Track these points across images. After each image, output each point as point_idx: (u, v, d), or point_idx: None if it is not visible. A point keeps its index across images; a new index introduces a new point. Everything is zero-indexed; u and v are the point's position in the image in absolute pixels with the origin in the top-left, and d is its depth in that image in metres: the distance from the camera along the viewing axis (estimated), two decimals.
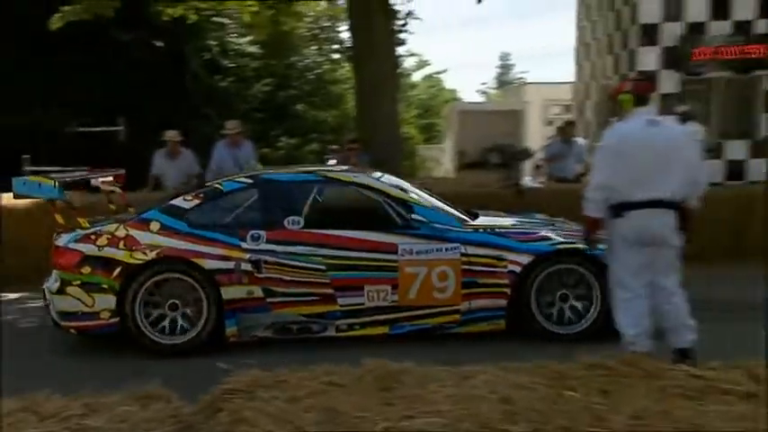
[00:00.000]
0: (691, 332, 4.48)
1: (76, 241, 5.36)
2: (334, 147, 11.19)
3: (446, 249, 5.51)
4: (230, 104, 16.79)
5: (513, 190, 9.08)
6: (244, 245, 5.36)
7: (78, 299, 5.27)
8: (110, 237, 5.34)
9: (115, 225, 5.43)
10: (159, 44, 16.38)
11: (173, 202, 5.60)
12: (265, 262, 5.37)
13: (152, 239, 5.35)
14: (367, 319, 5.48)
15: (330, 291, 5.41)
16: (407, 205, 5.72)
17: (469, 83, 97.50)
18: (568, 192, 7.79)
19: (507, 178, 9.66)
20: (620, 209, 4.49)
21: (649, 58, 12.50)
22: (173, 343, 5.28)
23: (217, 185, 5.72)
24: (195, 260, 5.29)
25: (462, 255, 5.50)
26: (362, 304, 5.44)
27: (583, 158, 9.81)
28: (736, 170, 12.56)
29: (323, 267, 5.40)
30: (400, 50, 16.52)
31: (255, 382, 2.72)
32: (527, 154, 12.24)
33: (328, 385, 2.70)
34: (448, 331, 5.54)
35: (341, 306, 5.43)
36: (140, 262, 5.26)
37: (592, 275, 5.53)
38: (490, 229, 5.77)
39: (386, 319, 5.49)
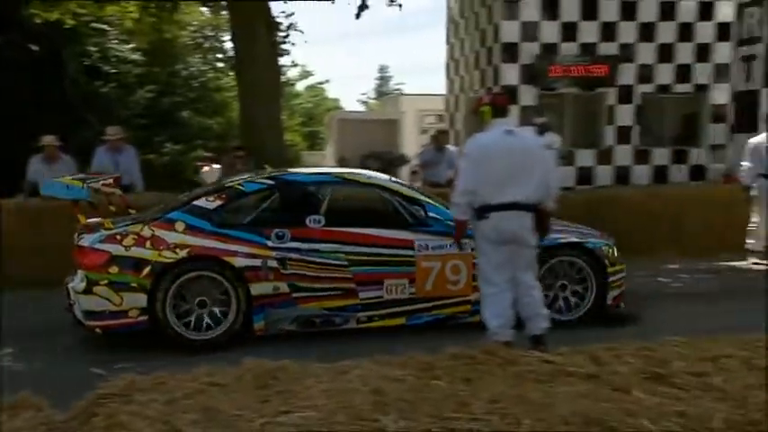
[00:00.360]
0: (544, 321, 4.79)
1: (102, 241, 5.25)
2: (209, 154, 10.91)
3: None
4: (112, 110, 16.00)
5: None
6: (269, 243, 5.40)
7: (106, 298, 5.18)
8: (136, 237, 5.26)
9: (140, 225, 5.35)
10: (34, 48, 15.35)
11: (195, 202, 5.55)
12: (290, 259, 5.44)
13: (179, 239, 5.30)
14: (385, 311, 5.62)
15: (352, 285, 5.53)
16: (420, 204, 5.85)
17: (351, 93, 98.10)
18: (440, 196, 8.02)
19: None
20: (482, 211, 4.70)
21: (511, 74, 13.08)
22: (203, 339, 5.27)
23: (238, 186, 5.71)
24: (225, 258, 5.30)
25: (473, 249, 5.54)
26: (381, 297, 5.58)
27: (454, 165, 10.10)
28: (585, 176, 13.39)
29: (345, 263, 5.51)
30: (283, 61, 16.37)
31: (132, 385, 2.60)
32: (403, 160, 12.51)
33: (208, 386, 2.63)
34: (460, 321, 5.70)
35: (361, 299, 5.55)
36: (171, 260, 5.21)
37: (588, 266, 5.87)
38: None
39: (403, 311, 5.64)
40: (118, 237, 5.27)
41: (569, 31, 13.07)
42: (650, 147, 13.61)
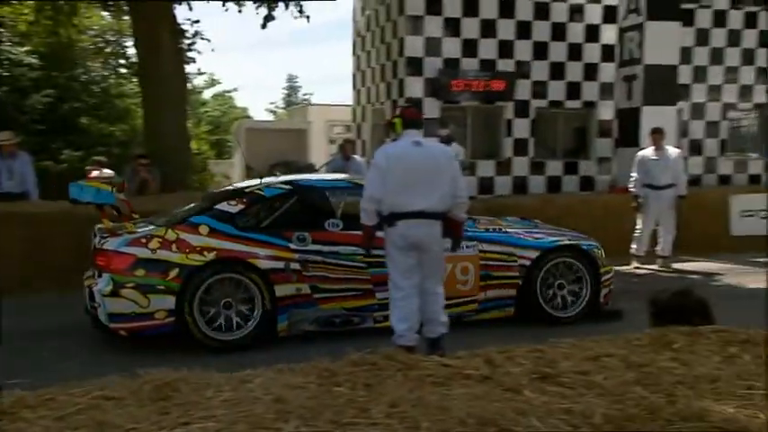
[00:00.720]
0: (442, 326, 4.92)
1: (128, 245, 5.26)
2: (99, 158, 10.50)
3: (467, 247, 5.87)
4: (4, 115, 15.01)
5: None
6: (292, 246, 5.53)
7: (133, 300, 5.18)
8: (161, 240, 5.29)
9: (163, 229, 5.38)
10: None
11: (218, 207, 5.62)
12: (311, 261, 5.58)
13: (204, 242, 5.35)
14: None
15: (370, 286, 5.69)
16: None
17: (259, 102, 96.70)
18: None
19: None
20: (391, 219, 4.80)
21: (415, 87, 13.32)
22: (229, 339, 5.33)
23: (258, 191, 5.82)
24: (251, 261, 5.40)
25: (480, 251, 6.00)
26: None
27: (361, 174, 10.19)
28: (486, 185, 13.81)
29: (363, 265, 5.67)
30: (189, 68, 15.94)
31: (19, 402, 2.45)
32: (311, 170, 12.44)
33: (102, 400, 2.51)
34: (467, 319, 5.96)
35: (378, 299, 5.68)
36: (199, 263, 5.27)
37: (583, 267, 6.23)
38: (499, 229, 6.30)
39: None
40: (143, 240, 5.29)
41: (470, 48, 13.47)
42: (545, 159, 14.21)
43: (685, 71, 13.70)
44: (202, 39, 15.26)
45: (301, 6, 12.92)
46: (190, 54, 14.75)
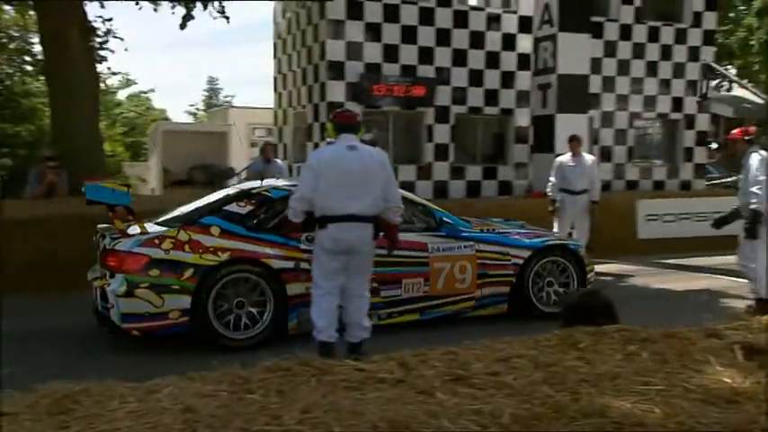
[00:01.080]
0: (364, 331, 4.94)
1: (141, 245, 5.31)
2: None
3: (464, 247, 6.27)
4: None
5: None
6: (301, 246, 5.61)
7: (147, 300, 5.25)
8: (173, 241, 5.36)
9: (174, 230, 5.45)
10: None
11: (227, 208, 5.72)
12: None
13: (216, 243, 5.45)
14: (403, 308, 6.05)
15: (374, 284, 5.67)
16: (428, 210, 6.40)
17: (179, 104, 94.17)
18: None
19: None
20: (322, 222, 4.82)
21: (337, 91, 13.29)
22: (242, 338, 5.43)
23: (265, 192, 5.95)
24: (264, 260, 5.53)
25: (477, 251, 6.31)
26: (399, 295, 6.02)
27: (283, 177, 10.11)
28: (408, 189, 13.81)
29: None
30: (101, 67, 15.31)
31: None
32: (231, 173, 12.22)
33: None
34: (464, 315, 6.25)
35: (382, 297, 5.92)
36: (214, 263, 5.38)
37: (570, 265, 6.60)
38: (493, 230, 6.64)
39: (417, 308, 6.10)
40: (156, 241, 5.35)
41: (391, 53, 13.58)
42: (464, 164, 14.49)
43: (595, 81, 14.28)
44: (115, 37, 14.70)
45: (223, 7, 12.69)
46: (102, 53, 14.19)
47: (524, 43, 14.31)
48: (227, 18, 12.51)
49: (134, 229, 5.54)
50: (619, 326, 3.47)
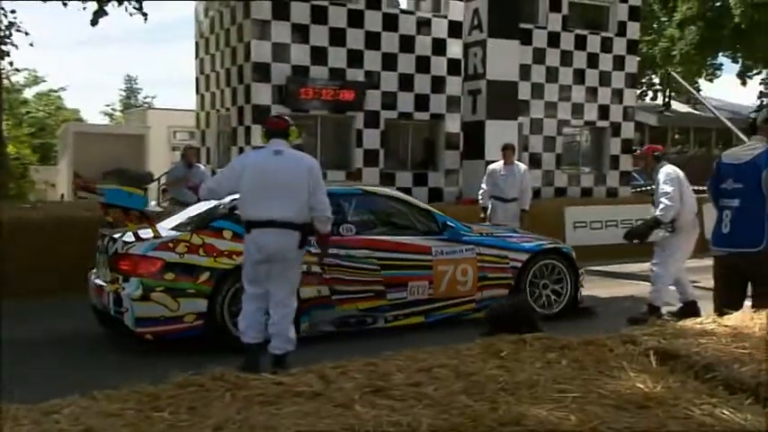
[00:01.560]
0: (288, 343, 4.94)
1: (155, 249, 5.44)
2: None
3: (466, 250, 6.64)
4: None
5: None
6: (312, 249, 5.51)
7: (162, 304, 5.39)
8: (188, 244, 5.53)
9: (187, 234, 5.63)
10: None
11: (238, 211, 5.59)
12: (330, 264, 5.94)
13: (230, 246, 5.62)
14: (408, 310, 6.34)
15: (382, 288, 6.21)
16: (431, 214, 6.78)
17: (93, 104, 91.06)
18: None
19: None
20: (247, 226, 4.91)
21: (263, 93, 13.20)
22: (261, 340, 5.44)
23: None
24: None
25: (478, 254, 6.68)
26: (405, 298, 6.34)
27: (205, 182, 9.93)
28: None
29: (377, 267, 6.20)
30: (4, 63, 14.65)
31: None
32: (149, 179, 11.91)
33: None
34: (465, 317, 6.53)
35: (389, 300, 6.26)
36: (229, 267, 5.57)
37: (564, 268, 7.00)
38: (491, 234, 7.06)
39: (422, 310, 6.42)
40: (170, 245, 5.51)
41: (319, 56, 13.59)
42: (395, 170, 14.66)
43: (524, 87, 14.74)
44: (19, 31, 14.07)
45: (140, 3, 12.38)
46: (4, 47, 13.57)
47: (454, 48, 14.61)
48: (145, 15, 12.20)
49: (146, 233, 5.63)
50: (539, 334, 3.58)
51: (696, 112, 30.45)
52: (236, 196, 5.17)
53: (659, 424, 2.37)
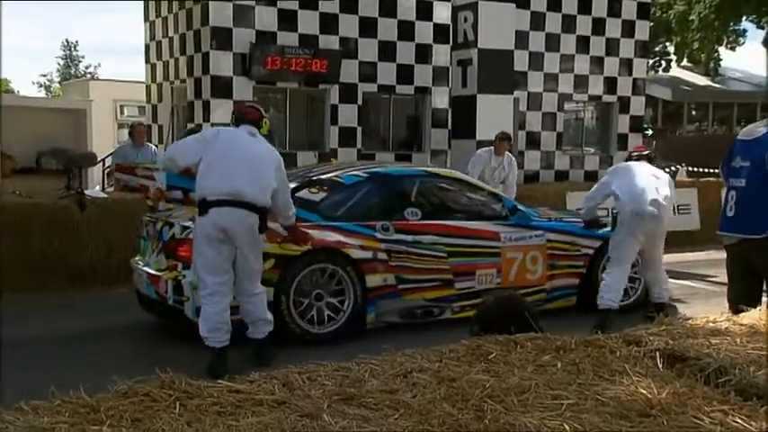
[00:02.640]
0: (268, 324, 5.47)
1: None
2: None
3: (535, 236, 7.06)
4: None
5: (73, 200, 8.67)
6: (378, 235, 6.31)
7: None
8: None
9: None
10: None
11: (299, 194, 6.21)
12: (396, 251, 6.37)
13: None
14: (476, 300, 6.54)
15: (449, 276, 6.60)
16: (498, 197, 7.20)
17: (27, 73, 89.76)
18: (133, 203, 7.74)
19: (67, 187, 9.20)
20: (204, 206, 5.14)
21: (223, 63, 13.09)
22: (321, 332, 6.05)
23: (337, 179, 6.62)
24: (345, 250, 6.14)
25: (547, 241, 7.09)
26: (473, 287, 6.72)
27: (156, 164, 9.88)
28: None
29: (444, 255, 6.59)
30: None
31: None
32: (91, 160, 11.78)
33: None
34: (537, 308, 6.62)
35: (457, 290, 6.66)
36: (296, 253, 5.92)
37: (640, 257, 7.00)
38: (560, 219, 7.42)
39: None
40: None
41: (288, 20, 13.49)
42: (374, 150, 14.62)
43: (521, 57, 14.75)
44: None
45: None
46: None
47: (442, 12, 14.58)
48: None
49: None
50: (532, 334, 3.62)
51: (715, 85, 30.69)
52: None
53: None
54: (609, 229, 7.10)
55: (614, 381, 3.00)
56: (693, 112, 32.49)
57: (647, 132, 18.40)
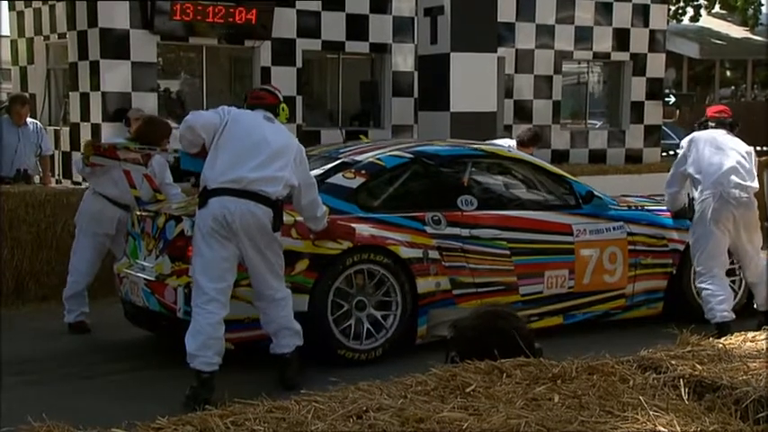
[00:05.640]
0: (296, 337, 5.74)
1: None
2: None
3: (614, 228, 7.20)
4: None
5: None
6: (428, 229, 6.48)
7: (250, 301, 5.81)
8: None
9: None
10: None
11: (331, 180, 6.48)
12: (449, 248, 6.54)
13: None
14: (544, 308, 6.89)
15: (513, 278, 6.77)
16: (566, 181, 7.34)
17: None
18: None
19: None
20: (206, 196, 5.48)
21: (116, 13, 12.91)
22: (365, 348, 6.22)
23: (377, 161, 6.77)
24: (392, 248, 6.30)
25: (628, 234, 7.23)
26: (541, 293, 6.90)
27: (42, 147, 9.97)
28: None
29: (507, 252, 6.75)
30: None
31: None
32: None
33: None
34: (613, 318, 7.23)
35: (522, 296, 6.81)
36: (334, 252, 6.08)
37: None
38: (643, 207, 7.64)
39: (560, 308, 6.99)
40: None
41: None
42: (319, 126, 14.63)
43: (507, 4, 14.80)
44: None
45: None
46: None
47: None
48: None
49: None
50: (522, 359, 3.67)
51: (756, 37, 31.19)
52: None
53: None
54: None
55: (626, 417, 3.06)
56: (728, 73, 33.06)
57: (668, 100, 18.68)
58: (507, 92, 15.51)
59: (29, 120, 10.04)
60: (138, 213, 6.87)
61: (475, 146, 7.68)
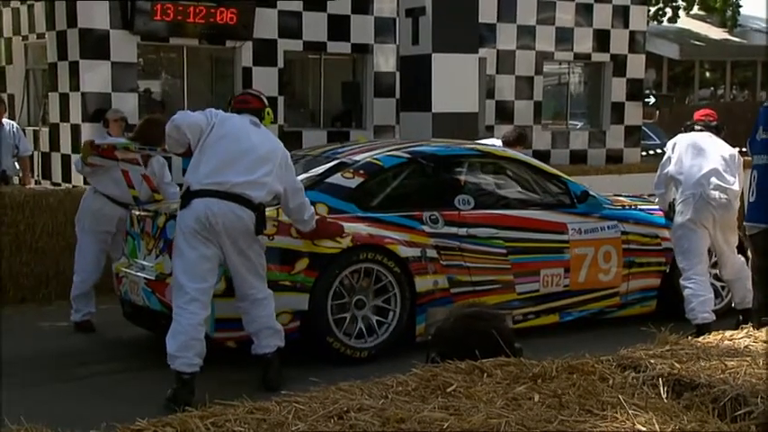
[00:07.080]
0: (277, 337, 5.78)
1: None
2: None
3: (608, 227, 7.36)
4: None
5: None
6: (426, 228, 6.62)
7: None
8: (276, 223, 6.07)
9: (273, 210, 5.98)
10: None
11: (330, 180, 6.60)
12: (446, 247, 6.68)
13: None
14: (541, 307, 7.07)
15: (510, 277, 6.91)
16: (561, 181, 7.47)
17: None
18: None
19: None
20: (188, 197, 5.53)
21: (96, 13, 12.82)
22: (364, 346, 6.35)
23: (375, 161, 6.88)
24: (390, 247, 6.42)
25: (622, 233, 7.38)
26: (538, 291, 7.06)
27: (19, 148, 9.94)
28: None
29: (503, 251, 6.89)
30: None
31: None
32: None
33: None
34: (608, 316, 7.38)
35: (518, 294, 6.97)
36: (334, 251, 6.21)
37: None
38: (636, 206, 7.79)
39: (556, 307, 7.16)
40: None
41: None
42: (300, 127, 14.60)
43: (488, 5, 14.80)
44: None
45: None
46: None
47: None
48: None
49: None
50: (502, 359, 3.68)
51: (734, 39, 31.38)
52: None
53: None
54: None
55: (606, 416, 3.08)
56: (707, 74, 33.25)
57: (648, 100, 18.75)
58: (489, 92, 15.54)
59: (5, 120, 9.98)
60: (138, 213, 6.93)
61: (472, 145, 7.89)
